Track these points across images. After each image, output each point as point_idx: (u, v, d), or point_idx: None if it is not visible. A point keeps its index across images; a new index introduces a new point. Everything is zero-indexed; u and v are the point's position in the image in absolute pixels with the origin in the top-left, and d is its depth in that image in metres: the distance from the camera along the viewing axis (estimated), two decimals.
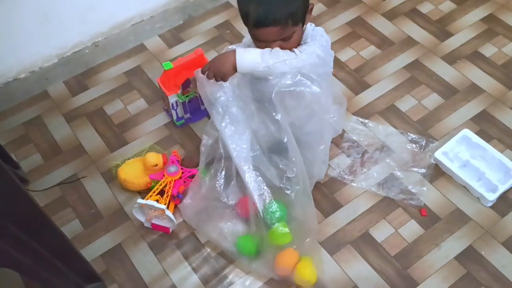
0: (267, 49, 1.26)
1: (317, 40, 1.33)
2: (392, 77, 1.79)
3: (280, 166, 1.35)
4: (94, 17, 1.91)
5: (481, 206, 1.47)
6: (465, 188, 1.50)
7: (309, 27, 1.36)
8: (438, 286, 1.34)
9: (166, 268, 1.41)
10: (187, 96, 1.63)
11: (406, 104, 1.71)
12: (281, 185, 1.34)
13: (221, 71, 1.28)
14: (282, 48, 1.27)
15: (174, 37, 1.98)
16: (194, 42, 1.94)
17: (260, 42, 1.28)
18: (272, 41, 1.26)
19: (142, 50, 1.95)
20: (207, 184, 1.43)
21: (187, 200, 1.45)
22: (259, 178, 1.35)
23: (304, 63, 1.26)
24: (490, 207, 1.46)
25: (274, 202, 1.35)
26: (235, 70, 1.28)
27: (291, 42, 1.28)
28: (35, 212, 1.14)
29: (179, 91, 1.60)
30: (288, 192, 1.34)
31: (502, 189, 1.45)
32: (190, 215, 1.46)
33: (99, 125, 1.74)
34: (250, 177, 1.34)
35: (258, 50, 1.27)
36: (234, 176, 1.42)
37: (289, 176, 1.32)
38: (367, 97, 1.74)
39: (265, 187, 1.35)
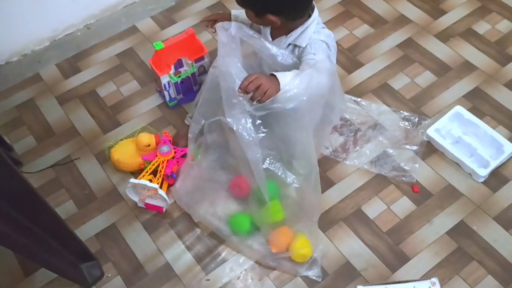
0: (298, 73, 1.24)
1: (323, 50, 1.32)
2: (385, 56, 1.78)
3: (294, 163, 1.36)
4: None
5: (473, 182, 1.47)
6: (457, 165, 1.51)
7: (313, 27, 1.32)
8: (430, 260, 1.35)
9: (160, 247, 1.42)
10: (179, 77, 1.63)
11: (399, 82, 1.71)
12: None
13: (267, 87, 1.19)
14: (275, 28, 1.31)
15: (166, 18, 1.97)
16: (187, 23, 1.93)
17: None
18: (254, 21, 1.31)
19: (134, 32, 1.94)
20: (199, 165, 1.44)
21: (178, 184, 1.46)
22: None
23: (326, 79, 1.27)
24: (482, 182, 1.47)
25: (269, 181, 1.36)
26: (277, 92, 1.22)
27: (276, 28, 1.31)
28: (29, 193, 1.14)
29: (171, 72, 1.60)
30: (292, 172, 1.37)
31: (493, 164, 1.45)
32: (182, 198, 1.46)
33: (92, 107, 1.74)
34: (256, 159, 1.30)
35: (292, 74, 1.23)
36: (227, 156, 1.43)
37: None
38: (360, 75, 1.73)
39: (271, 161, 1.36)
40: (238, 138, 1.25)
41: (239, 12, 1.50)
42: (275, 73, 1.22)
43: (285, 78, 1.21)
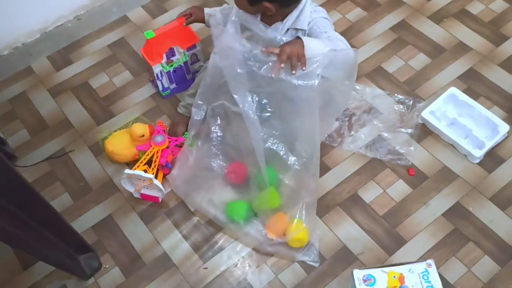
0: (325, 39, 1.25)
1: (331, 27, 1.32)
2: (379, 39, 1.77)
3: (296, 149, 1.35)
4: None
5: (468, 163, 1.47)
6: (452, 146, 1.50)
7: (309, 7, 1.32)
8: (426, 242, 1.35)
9: (157, 237, 1.42)
10: (171, 66, 1.61)
11: (393, 65, 1.70)
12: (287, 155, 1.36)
13: (295, 51, 1.19)
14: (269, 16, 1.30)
15: (157, 7, 1.95)
16: (178, 11, 1.89)
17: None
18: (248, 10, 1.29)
19: (126, 22, 1.92)
20: (195, 153, 1.43)
21: (175, 171, 1.46)
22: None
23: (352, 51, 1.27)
24: (477, 163, 1.47)
25: (268, 167, 1.36)
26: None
27: (268, 16, 1.29)
28: (23, 187, 1.14)
29: (163, 61, 1.59)
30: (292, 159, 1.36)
31: (489, 145, 1.45)
32: (179, 186, 1.46)
33: (84, 99, 1.73)
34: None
35: (317, 39, 1.25)
36: (224, 144, 1.42)
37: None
38: None
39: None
40: (243, 116, 1.24)
41: (212, 10, 1.51)
42: (299, 35, 1.22)
43: (309, 41, 1.21)
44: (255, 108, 1.25)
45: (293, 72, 1.19)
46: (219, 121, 1.41)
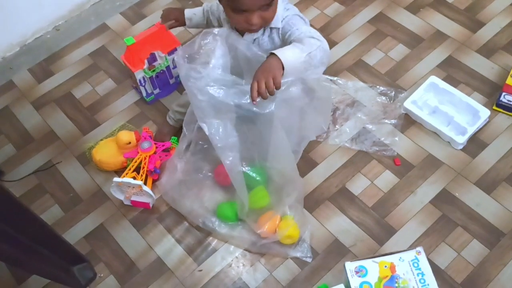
0: (297, 43, 1.21)
1: (304, 22, 1.31)
2: (357, 32, 1.79)
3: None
4: (50, 0, 1.86)
5: (452, 150, 1.50)
6: (435, 134, 1.53)
7: (281, 4, 1.30)
8: (416, 230, 1.37)
9: (150, 243, 1.43)
10: (153, 71, 1.62)
11: (373, 57, 1.72)
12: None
13: (271, 73, 1.15)
14: (261, 18, 1.24)
15: (135, 13, 1.95)
16: (157, 16, 1.88)
17: (239, 14, 1.22)
18: (255, 9, 1.21)
19: (105, 30, 1.91)
20: (180, 161, 1.43)
21: (164, 178, 1.46)
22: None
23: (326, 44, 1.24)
24: (461, 149, 1.49)
25: (254, 167, 1.37)
26: (282, 69, 1.17)
27: (269, 11, 1.24)
28: (11, 202, 1.14)
29: (145, 66, 1.59)
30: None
31: (471, 131, 1.48)
32: (168, 192, 1.46)
33: (68, 110, 1.72)
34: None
35: (291, 46, 1.21)
36: (206, 149, 1.43)
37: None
38: (334, 54, 1.74)
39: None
40: (212, 143, 1.24)
41: (192, 13, 1.51)
42: (273, 51, 1.17)
43: (284, 53, 1.17)
44: (222, 134, 1.24)
45: (255, 103, 1.17)
46: (205, 135, 1.41)
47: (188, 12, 1.52)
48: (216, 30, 1.28)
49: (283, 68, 1.16)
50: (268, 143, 1.30)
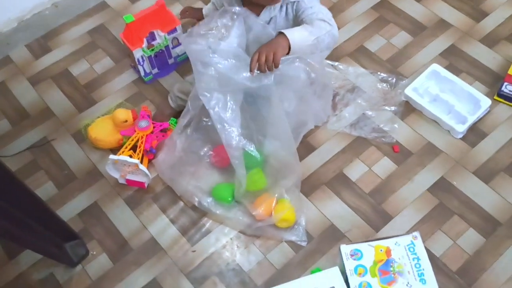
0: (307, 26, 1.22)
1: (315, 1, 1.29)
2: (360, 18, 1.77)
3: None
4: None
5: (451, 138, 1.49)
6: (435, 122, 1.51)
7: None
8: (412, 217, 1.36)
9: (144, 222, 1.41)
10: (152, 50, 1.60)
11: (375, 44, 1.70)
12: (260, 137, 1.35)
13: (273, 49, 1.17)
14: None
15: None
16: None
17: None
18: None
19: (104, 8, 1.89)
20: (180, 137, 1.42)
21: (161, 157, 1.45)
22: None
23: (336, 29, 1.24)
24: (460, 138, 1.48)
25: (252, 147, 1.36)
26: (288, 49, 1.19)
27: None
28: (6, 176, 1.13)
29: (144, 45, 1.57)
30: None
31: (471, 120, 1.46)
32: (165, 171, 1.45)
33: (65, 87, 1.70)
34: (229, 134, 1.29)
35: (300, 27, 1.22)
36: (208, 127, 1.41)
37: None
38: None
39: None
40: (211, 117, 1.24)
41: (208, 9, 1.55)
42: (282, 30, 1.19)
43: (292, 33, 1.18)
44: (221, 108, 1.24)
45: (253, 74, 1.17)
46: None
47: (205, 9, 1.56)
48: (234, 9, 1.27)
49: (289, 48, 1.17)
50: (267, 120, 1.29)
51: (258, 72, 1.18)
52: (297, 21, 1.29)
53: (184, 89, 1.51)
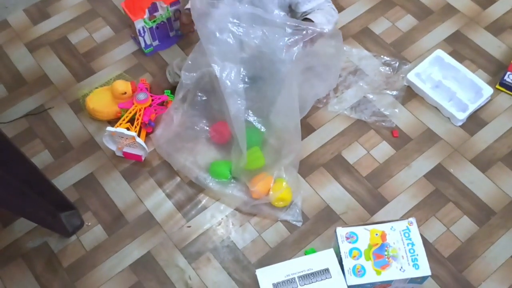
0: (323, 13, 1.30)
1: None
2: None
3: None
4: None
5: (451, 126, 1.48)
6: (436, 109, 1.51)
7: None
8: (407, 203, 1.37)
9: (140, 195, 1.41)
10: (154, 21, 1.56)
11: (380, 26, 1.68)
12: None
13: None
14: None
15: None
16: None
17: None
18: None
19: None
20: (177, 112, 1.41)
21: (158, 131, 1.43)
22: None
23: None
24: (460, 126, 1.48)
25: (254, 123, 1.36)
26: None
27: None
28: (2, 143, 1.11)
29: (145, 16, 1.53)
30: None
31: (472, 108, 1.46)
32: (162, 146, 1.44)
33: (64, 55, 1.67)
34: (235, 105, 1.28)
35: (321, 17, 1.28)
36: (203, 102, 1.40)
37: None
38: (340, 20, 1.68)
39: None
40: (221, 87, 1.22)
41: None
42: (307, 17, 1.25)
43: (317, 19, 1.24)
44: (233, 79, 1.22)
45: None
46: (205, 85, 1.38)
47: None
48: None
49: None
50: (276, 96, 1.28)
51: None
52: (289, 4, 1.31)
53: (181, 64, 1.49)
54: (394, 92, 1.54)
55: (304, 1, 1.31)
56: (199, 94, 1.36)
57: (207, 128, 1.45)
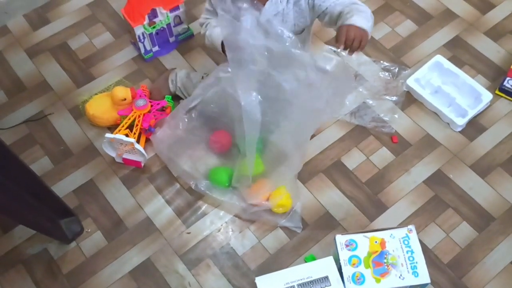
0: (358, 12, 1.23)
1: None
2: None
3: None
4: None
5: (450, 131, 1.48)
6: (435, 115, 1.51)
7: None
8: (407, 209, 1.37)
9: (140, 202, 1.41)
10: (154, 27, 1.57)
11: (379, 31, 1.68)
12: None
13: (361, 32, 1.18)
14: None
15: None
16: None
17: None
18: None
19: None
20: (183, 118, 1.41)
21: (160, 134, 1.43)
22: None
23: None
24: (459, 132, 1.48)
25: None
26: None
27: None
28: (1, 149, 1.11)
29: (145, 22, 1.54)
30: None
31: (471, 113, 1.46)
32: (163, 149, 1.44)
33: (63, 60, 1.67)
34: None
35: (356, 16, 1.21)
36: (214, 114, 1.40)
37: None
38: None
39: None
40: (244, 114, 1.22)
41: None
42: (349, 22, 1.19)
43: (361, 22, 1.19)
44: (254, 104, 1.22)
45: (351, 55, 1.19)
46: (219, 99, 1.39)
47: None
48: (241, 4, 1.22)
49: None
50: (285, 115, 1.29)
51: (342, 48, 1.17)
52: (316, 11, 1.28)
53: (188, 88, 1.50)
54: (394, 98, 1.54)
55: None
56: (212, 105, 1.37)
57: (207, 134, 1.45)
